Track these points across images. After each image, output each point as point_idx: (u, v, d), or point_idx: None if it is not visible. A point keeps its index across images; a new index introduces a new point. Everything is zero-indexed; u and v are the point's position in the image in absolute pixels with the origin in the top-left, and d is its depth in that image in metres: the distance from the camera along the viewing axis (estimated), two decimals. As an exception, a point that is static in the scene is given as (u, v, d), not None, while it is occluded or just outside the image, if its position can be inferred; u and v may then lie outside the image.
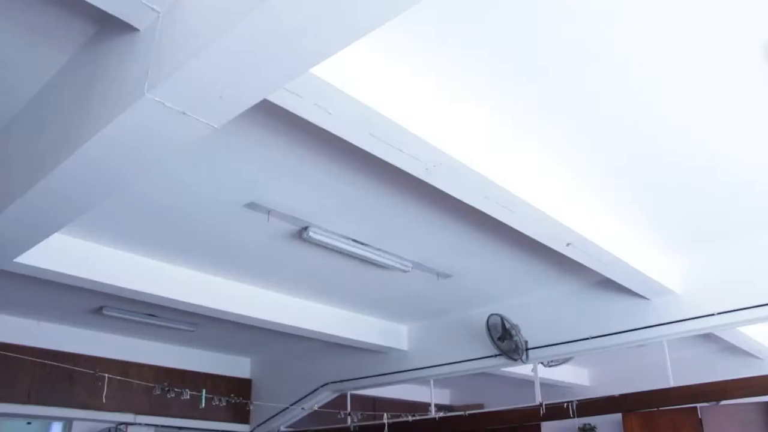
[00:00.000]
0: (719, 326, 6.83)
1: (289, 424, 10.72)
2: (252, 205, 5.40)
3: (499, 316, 7.72)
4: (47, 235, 5.01)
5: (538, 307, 7.98)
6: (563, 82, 3.97)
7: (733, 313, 6.51)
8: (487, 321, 7.84)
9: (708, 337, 8.81)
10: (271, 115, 4.02)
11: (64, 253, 6.08)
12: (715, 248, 6.71)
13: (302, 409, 9.79)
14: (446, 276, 7.18)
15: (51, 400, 8.81)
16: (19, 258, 5.55)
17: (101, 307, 8.11)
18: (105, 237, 6.21)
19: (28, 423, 9.28)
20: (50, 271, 6.03)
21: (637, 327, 7.10)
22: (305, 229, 5.76)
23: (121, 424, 9.64)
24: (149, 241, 6.32)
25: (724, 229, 6.31)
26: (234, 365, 11.20)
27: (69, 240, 6.12)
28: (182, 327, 8.88)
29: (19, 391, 8.56)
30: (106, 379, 7.36)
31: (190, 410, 9.92)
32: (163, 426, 10.18)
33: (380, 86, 3.58)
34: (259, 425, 10.86)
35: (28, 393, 8.63)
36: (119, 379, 8.91)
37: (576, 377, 11.94)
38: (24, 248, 5.27)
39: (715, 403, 6.82)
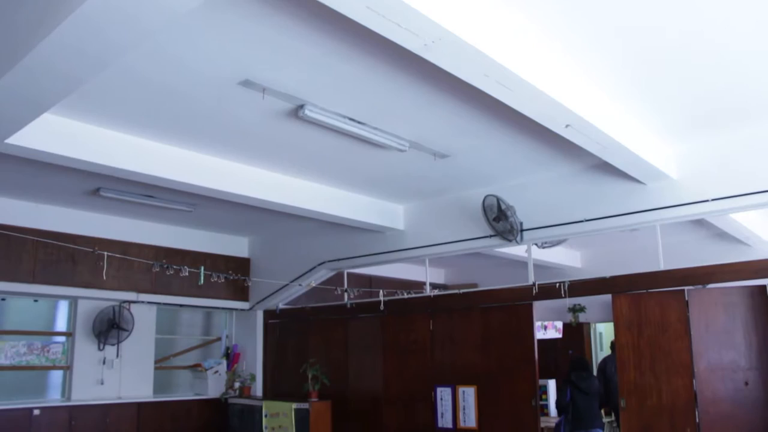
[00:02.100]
0: (713, 212, 6.88)
1: (287, 301, 11.04)
2: (246, 83, 5.28)
3: (495, 197, 7.77)
4: (39, 113, 4.95)
5: (534, 189, 8.02)
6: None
7: (727, 199, 6.56)
8: (483, 202, 7.90)
9: (700, 223, 8.92)
10: (264, -13, 3.85)
11: (57, 134, 6.01)
12: (713, 134, 6.65)
13: (299, 285, 10.03)
14: (443, 156, 7.15)
15: (55, 280, 9.05)
16: (10, 139, 5.50)
17: (98, 189, 8.13)
18: (99, 117, 6.11)
19: (35, 301, 9.57)
20: (44, 152, 5.99)
21: (632, 211, 7.16)
22: (301, 107, 5.66)
23: (125, 302, 9.92)
24: (144, 121, 6.23)
25: (722, 116, 6.22)
26: (232, 245, 11.39)
27: (62, 121, 6.03)
28: (180, 207, 8.94)
29: (24, 271, 8.78)
30: (105, 256, 7.48)
31: (191, 288, 10.21)
32: (164, 304, 10.49)
33: (377, -44, 3.40)
34: (258, 302, 11.19)
35: (32, 273, 8.84)
36: (121, 260, 9.12)
37: (568, 259, 12.20)
38: (16, 128, 5.21)
39: (701, 286, 7.01)
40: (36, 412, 8.97)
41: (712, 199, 6.60)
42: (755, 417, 6.61)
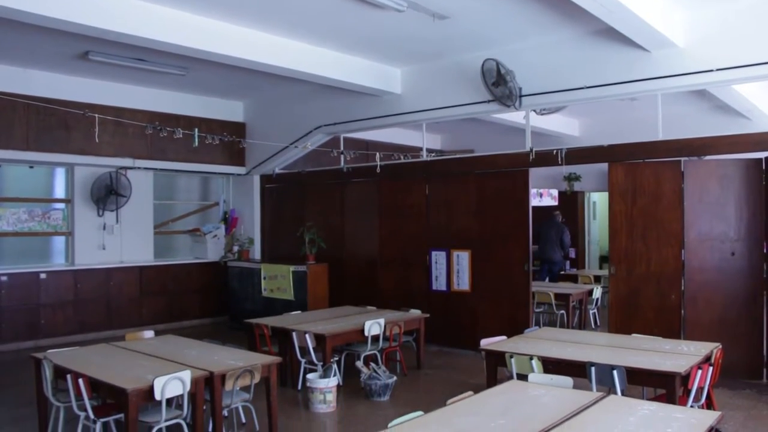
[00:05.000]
0: (717, 82, 6.75)
1: (283, 166, 11.05)
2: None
3: (495, 61, 7.58)
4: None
5: (534, 53, 7.80)
6: None
7: (732, 70, 6.41)
8: (482, 66, 7.72)
9: (701, 94, 8.77)
10: None
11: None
12: (722, 1, 6.39)
13: (295, 147, 10.00)
14: (442, 17, 6.88)
15: (49, 147, 9.03)
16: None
17: (87, 52, 7.90)
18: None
19: (31, 167, 9.56)
20: (27, 12, 5.75)
21: (634, 79, 7.02)
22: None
23: (121, 168, 9.92)
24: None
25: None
26: (227, 109, 11.25)
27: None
28: (172, 71, 8.74)
29: (17, 139, 8.74)
30: (97, 119, 7.37)
31: (187, 154, 10.20)
32: (161, 169, 10.49)
33: None
34: (254, 167, 11.21)
35: (26, 140, 8.80)
36: (115, 126, 9.05)
37: (566, 127, 12.12)
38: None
39: (698, 157, 6.99)
40: (42, 275, 9.25)
41: (717, 69, 6.45)
42: (738, 285, 6.84)
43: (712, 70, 6.48)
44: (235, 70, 8.28)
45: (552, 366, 4.85)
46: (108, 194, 9.80)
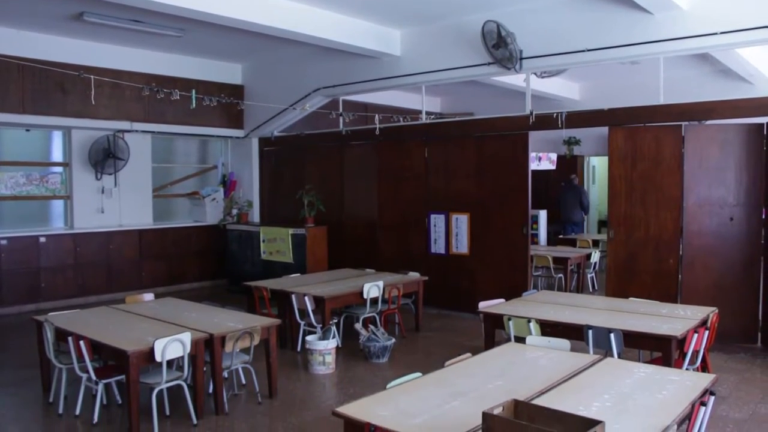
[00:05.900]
0: (720, 46, 6.67)
1: (282, 129, 10.99)
2: None
3: (495, 23, 7.49)
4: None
5: (536, 15, 7.71)
6: None
7: (735, 33, 6.33)
8: (483, 28, 7.64)
9: (704, 58, 8.68)
10: None
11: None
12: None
13: (293, 109, 9.93)
14: (443, -22, 6.80)
15: (45, 110, 8.95)
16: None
17: (81, 13, 7.78)
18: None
19: (27, 130, 9.50)
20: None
21: (637, 42, 6.94)
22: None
23: (119, 131, 9.85)
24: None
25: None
26: (225, 71, 11.14)
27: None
28: (169, 33, 8.63)
29: (13, 102, 8.67)
30: (92, 81, 7.29)
31: (185, 116, 10.14)
32: (159, 132, 10.43)
33: None
34: (252, 130, 11.15)
35: (21, 103, 8.73)
36: (112, 89, 8.97)
37: (566, 91, 12.03)
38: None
39: (698, 122, 6.95)
40: (42, 239, 9.26)
41: (721, 32, 6.37)
42: (735, 250, 6.86)
43: (715, 33, 6.40)
44: (233, 32, 8.17)
45: (549, 329, 4.90)
46: (106, 157, 9.76)
